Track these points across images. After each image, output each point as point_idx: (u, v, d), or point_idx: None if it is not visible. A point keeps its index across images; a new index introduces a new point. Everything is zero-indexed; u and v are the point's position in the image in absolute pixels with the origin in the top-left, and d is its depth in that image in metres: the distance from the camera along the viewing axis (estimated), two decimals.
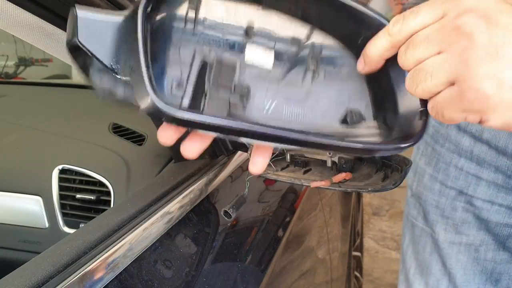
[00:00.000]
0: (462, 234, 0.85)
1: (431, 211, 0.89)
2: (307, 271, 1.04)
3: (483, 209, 0.82)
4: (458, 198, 0.85)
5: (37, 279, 0.46)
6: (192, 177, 0.77)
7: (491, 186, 0.81)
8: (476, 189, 0.82)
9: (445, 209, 0.87)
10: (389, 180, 0.64)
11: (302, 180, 0.70)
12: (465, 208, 0.84)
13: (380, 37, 0.42)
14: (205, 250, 0.68)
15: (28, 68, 2.19)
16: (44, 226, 1.06)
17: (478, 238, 0.84)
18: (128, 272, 0.53)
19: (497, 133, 0.76)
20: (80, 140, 1.16)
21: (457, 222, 0.85)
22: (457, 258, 0.87)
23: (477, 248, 0.85)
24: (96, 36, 0.38)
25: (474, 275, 0.87)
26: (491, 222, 0.82)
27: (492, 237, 0.83)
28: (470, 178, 0.82)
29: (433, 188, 0.88)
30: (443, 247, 0.88)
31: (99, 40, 0.38)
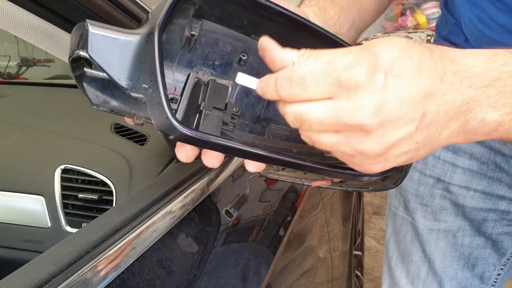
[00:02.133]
0: (440, 221, 0.89)
1: (411, 199, 0.92)
2: (308, 270, 1.04)
3: (459, 195, 0.86)
4: (436, 185, 0.88)
5: (40, 278, 0.46)
6: (194, 176, 0.77)
7: (466, 172, 0.84)
8: (452, 176, 0.86)
9: (424, 197, 0.90)
10: (390, 179, 0.64)
11: (303, 180, 0.70)
12: (443, 195, 0.88)
13: (270, 87, 0.39)
14: (206, 249, 0.69)
15: (30, 69, 2.19)
16: (47, 226, 1.06)
17: (455, 224, 0.88)
18: (130, 271, 0.54)
19: None
20: (82, 140, 1.16)
21: (436, 209, 0.89)
22: (436, 244, 0.90)
23: (454, 234, 0.88)
24: (107, 52, 0.39)
25: (452, 261, 0.90)
26: (467, 207, 0.86)
27: (469, 222, 0.86)
28: (447, 166, 0.86)
29: (413, 177, 0.91)
30: (423, 233, 0.91)
31: (110, 56, 0.39)
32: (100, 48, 0.39)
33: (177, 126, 0.37)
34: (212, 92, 0.45)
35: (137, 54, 0.39)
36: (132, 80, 0.40)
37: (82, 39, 0.38)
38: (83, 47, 0.38)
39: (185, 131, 0.38)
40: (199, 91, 0.45)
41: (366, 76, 0.35)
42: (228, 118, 0.46)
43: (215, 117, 0.44)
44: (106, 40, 0.39)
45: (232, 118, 0.46)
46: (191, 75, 0.45)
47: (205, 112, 0.44)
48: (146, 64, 0.38)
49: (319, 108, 0.37)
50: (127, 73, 0.40)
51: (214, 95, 0.45)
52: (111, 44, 0.39)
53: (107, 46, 0.39)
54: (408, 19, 4.65)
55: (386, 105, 0.35)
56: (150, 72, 0.38)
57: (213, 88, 0.45)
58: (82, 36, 0.39)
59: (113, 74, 0.39)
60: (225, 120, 0.46)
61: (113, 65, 0.39)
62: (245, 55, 0.48)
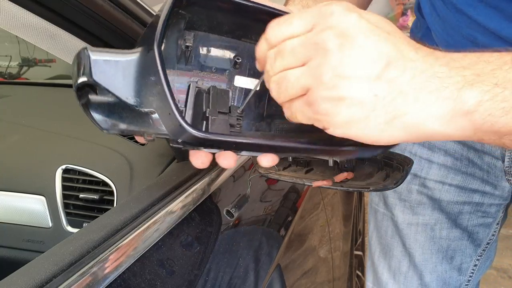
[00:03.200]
0: (419, 215, 0.92)
1: (390, 195, 0.96)
2: (309, 270, 1.04)
3: (435, 190, 0.89)
4: (413, 181, 0.91)
5: (41, 278, 0.46)
6: (195, 176, 0.77)
7: (441, 168, 0.87)
8: (428, 172, 0.89)
9: (402, 192, 0.93)
10: (391, 179, 0.64)
11: (304, 180, 0.71)
12: (419, 190, 0.91)
13: (261, 40, 0.43)
14: (207, 249, 0.69)
15: (31, 69, 2.19)
16: (48, 226, 1.06)
17: (433, 218, 0.91)
18: (131, 271, 0.54)
19: None
20: (83, 140, 1.16)
21: (413, 204, 0.92)
22: (415, 238, 0.93)
23: (432, 227, 0.91)
24: (111, 74, 0.40)
25: (431, 254, 0.93)
26: (443, 201, 0.89)
27: (445, 215, 0.90)
28: (423, 162, 0.89)
29: None
30: (402, 228, 0.94)
31: (114, 78, 0.41)
32: (104, 72, 0.40)
33: (192, 131, 0.38)
34: (214, 98, 0.46)
35: (139, 71, 0.41)
36: (140, 96, 0.41)
37: (85, 67, 0.40)
38: (87, 73, 0.40)
39: (200, 134, 0.39)
40: (202, 99, 0.46)
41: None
42: (234, 121, 0.47)
43: (222, 121, 0.46)
44: (108, 63, 0.40)
45: (237, 119, 0.48)
46: (191, 85, 0.47)
47: (212, 118, 0.45)
48: (150, 77, 0.40)
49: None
50: (133, 90, 0.41)
51: (217, 101, 0.46)
52: (113, 66, 0.40)
53: (110, 69, 0.40)
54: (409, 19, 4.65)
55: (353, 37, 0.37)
56: (155, 84, 0.39)
57: (215, 94, 0.46)
58: (84, 63, 0.40)
59: (120, 94, 0.41)
60: (232, 123, 0.47)
61: (118, 86, 0.41)
62: (239, 59, 0.49)
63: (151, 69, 0.39)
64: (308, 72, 0.39)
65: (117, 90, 0.41)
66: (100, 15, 0.65)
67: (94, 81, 0.40)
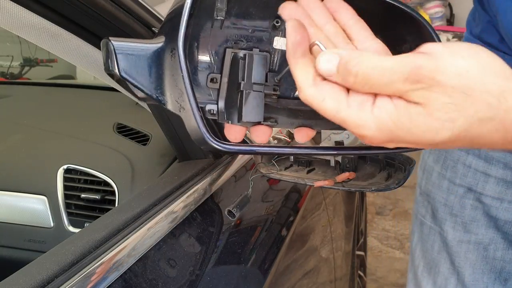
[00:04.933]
0: (471, 233, 0.85)
1: (440, 209, 0.89)
2: (310, 270, 1.04)
3: (492, 207, 0.81)
4: (467, 195, 0.84)
5: (42, 278, 0.46)
6: (196, 176, 0.77)
7: (500, 183, 0.80)
8: (485, 186, 0.81)
9: (453, 207, 0.86)
10: (393, 179, 0.64)
11: (306, 180, 0.71)
12: (474, 205, 0.83)
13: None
14: (209, 250, 0.69)
15: (33, 69, 2.20)
16: (49, 226, 1.06)
17: (487, 237, 0.84)
18: (133, 271, 0.54)
19: None
20: (84, 140, 1.16)
21: (466, 220, 0.85)
22: (465, 257, 0.86)
23: (486, 247, 0.84)
24: (137, 67, 0.39)
25: (483, 274, 0.86)
26: (500, 220, 0.81)
27: (501, 235, 0.82)
28: (478, 175, 0.82)
29: (442, 186, 0.88)
30: (452, 245, 0.88)
31: (140, 71, 0.39)
32: (129, 64, 0.39)
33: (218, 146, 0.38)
34: (249, 66, 0.44)
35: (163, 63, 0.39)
36: (165, 95, 0.40)
37: (111, 59, 0.39)
38: (113, 67, 0.39)
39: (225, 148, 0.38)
40: (237, 67, 0.44)
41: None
42: (270, 90, 0.45)
43: (257, 95, 0.44)
44: (133, 54, 0.39)
45: (274, 89, 0.46)
46: (227, 51, 0.45)
47: (246, 92, 0.43)
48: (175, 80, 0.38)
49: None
50: (160, 87, 0.40)
51: (252, 69, 0.44)
52: (138, 60, 0.39)
53: (136, 63, 0.39)
54: None
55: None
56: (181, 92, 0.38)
57: (250, 62, 0.44)
58: (110, 55, 0.39)
59: (147, 91, 0.40)
60: (268, 93, 0.45)
61: (145, 82, 0.39)
62: (278, 22, 0.46)
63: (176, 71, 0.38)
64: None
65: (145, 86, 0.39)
66: (102, 15, 0.65)
67: (122, 77, 0.39)
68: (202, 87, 0.45)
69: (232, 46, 0.45)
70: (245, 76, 0.44)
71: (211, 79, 0.45)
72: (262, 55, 0.45)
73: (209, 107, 0.44)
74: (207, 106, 0.44)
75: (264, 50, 0.46)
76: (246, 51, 0.45)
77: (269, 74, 0.45)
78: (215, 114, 0.44)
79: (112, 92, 1.36)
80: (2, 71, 2.24)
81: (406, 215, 3.11)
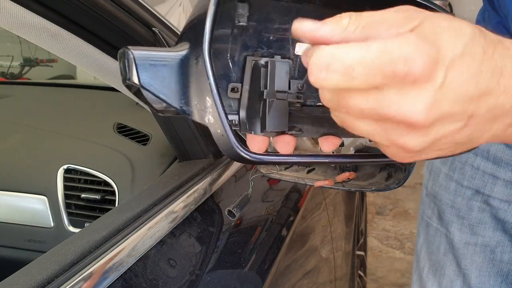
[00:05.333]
0: (478, 235, 0.84)
1: (446, 210, 0.88)
2: (311, 270, 1.04)
3: (500, 209, 0.81)
4: (474, 197, 0.83)
5: (43, 278, 0.46)
6: (196, 176, 0.77)
7: (508, 185, 0.79)
8: (493, 189, 0.80)
9: (460, 209, 0.85)
10: (393, 179, 0.64)
11: (306, 180, 0.70)
12: (481, 208, 0.83)
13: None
14: (209, 250, 0.69)
15: (33, 69, 2.20)
16: (50, 226, 1.06)
17: (494, 239, 0.83)
18: (133, 271, 0.54)
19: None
20: (85, 140, 1.16)
21: (473, 222, 0.84)
22: (472, 259, 0.86)
23: (493, 249, 0.83)
24: (159, 77, 0.37)
25: (489, 276, 0.85)
26: (507, 222, 0.81)
27: (509, 238, 0.82)
28: (486, 178, 0.81)
29: (449, 188, 0.87)
30: (458, 247, 0.87)
31: (163, 82, 0.37)
32: (151, 75, 0.37)
33: (247, 156, 0.36)
34: (272, 74, 0.42)
35: (187, 73, 0.37)
36: (190, 105, 0.38)
37: (130, 69, 0.36)
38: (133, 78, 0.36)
39: (255, 158, 0.37)
40: (259, 75, 0.43)
41: (426, 71, 0.32)
42: (293, 97, 0.43)
43: (280, 103, 0.42)
44: (156, 68, 0.37)
45: (297, 96, 0.44)
46: (247, 59, 0.43)
47: (269, 100, 0.42)
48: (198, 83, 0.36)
49: (362, 98, 0.33)
50: (184, 98, 0.38)
51: (274, 77, 0.42)
52: (161, 69, 0.37)
53: (158, 73, 0.37)
54: None
55: (439, 104, 0.33)
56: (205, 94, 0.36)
57: (273, 70, 0.42)
58: (129, 64, 0.36)
59: (171, 102, 0.37)
60: (291, 100, 0.43)
61: (168, 93, 0.37)
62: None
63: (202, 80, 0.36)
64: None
65: (167, 97, 0.37)
66: (102, 15, 0.65)
67: (142, 87, 0.36)
68: (223, 97, 0.42)
69: (252, 54, 0.44)
70: (268, 84, 0.42)
71: (232, 88, 0.43)
72: (284, 62, 0.43)
73: (231, 117, 0.43)
74: (228, 117, 0.42)
75: (286, 57, 0.45)
76: (268, 59, 0.43)
77: (292, 81, 0.44)
78: (237, 124, 0.43)
79: (112, 92, 1.36)
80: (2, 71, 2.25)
81: (406, 215, 3.11)
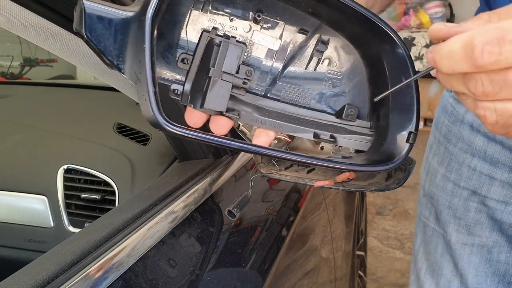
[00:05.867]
0: (475, 235, 0.84)
1: (443, 211, 0.88)
2: (310, 270, 1.04)
3: (496, 210, 0.81)
4: (471, 198, 0.84)
5: (43, 278, 0.46)
6: (196, 176, 0.77)
7: (505, 186, 0.79)
8: (489, 190, 0.81)
9: (457, 209, 0.86)
10: (393, 179, 0.64)
11: (306, 180, 0.70)
12: (478, 208, 0.83)
13: (459, 62, 0.33)
14: (209, 250, 0.69)
15: (33, 69, 2.20)
16: (49, 226, 1.06)
17: (491, 240, 0.83)
18: (133, 271, 0.54)
19: None
20: (85, 140, 1.16)
21: (470, 223, 0.85)
22: (469, 259, 0.86)
23: (489, 250, 0.84)
24: (103, 31, 0.38)
25: (486, 276, 0.86)
26: (504, 223, 0.81)
27: (506, 238, 0.82)
28: (483, 178, 0.81)
29: (446, 188, 0.88)
30: (455, 248, 0.87)
31: (106, 36, 0.38)
32: (96, 27, 0.38)
33: (168, 128, 0.37)
34: (223, 54, 0.43)
35: (129, 33, 0.39)
36: (125, 64, 0.39)
37: (80, 18, 0.38)
38: (80, 26, 0.38)
39: (173, 129, 0.37)
40: (211, 52, 0.43)
41: None
42: (239, 82, 0.44)
43: (224, 84, 0.43)
44: (102, 20, 0.38)
45: (243, 82, 0.45)
46: (203, 34, 0.44)
47: (213, 79, 0.42)
48: (137, 52, 0.37)
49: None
50: (122, 56, 0.39)
51: (225, 58, 0.43)
52: (106, 24, 0.38)
53: (103, 27, 0.38)
54: (411, 18, 4.65)
55: None
56: (139, 58, 0.37)
57: (225, 50, 0.43)
58: (80, 14, 0.38)
59: (110, 56, 0.39)
60: (236, 84, 0.44)
61: (109, 48, 0.38)
62: (260, 15, 0.45)
63: (139, 42, 0.37)
64: None
65: (108, 51, 0.38)
66: None
67: (86, 37, 0.38)
68: (172, 65, 0.44)
69: (209, 30, 0.44)
70: (216, 63, 0.43)
71: (182, 59, 0.44)
72: (238, 45, 0.44)
73: (175, 86, 0.44)
74: (172, 86, 0.44)
75: (241, 42, 0.45)
76: (223, 39, 0.44)
77: (241, 66, 0.44)
78: (179, 95, 0.44)
79: (112, 92, 1.36)
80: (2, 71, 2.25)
81: (406, 215, 3.11)
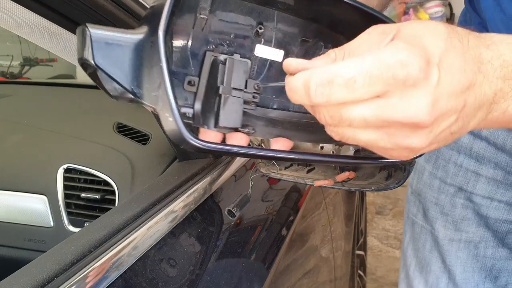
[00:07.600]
0: (462, 231, 0.86)
1: (431, 208, 0.89)
2: (310, 269, 1.04)
3: (482, 206, 0.82)
4: (458, 194, 0.85)
5: (42, 278, 0.46)
6: (196, 176, 0.77)
7: (490, 182, 0.81)
8: (475, 186, 0.82)
9: (444, 206, 0.87)
10: (392, 179, 0.64)
11: (306, 179, 0.70)
12: (465, 204, 0.84)
13: (302, 97, 0.35)
14: (209, 249, 0.69)
15: (33, 68, 2.20)
16: (49, 225, 1.06)
17: (477, 235, 0.85)
18: (133, 270, 0.54)
19: (496, 130, 0.76)
20: (84, 139, 1.16)
21: (457, 219, 0.86)
22: (456, 255, 0.87)
23: (476, 245, 0.85)
24: (113, 57, 0.37)
25: (473, 272, 0.87)
26: (490, 218, 0.82)
27: (492, 233, 0.83)
28: (469, 175, 0.83)
29: (433, 185, 0.89)
30: (443, 244, 0.89)
31: (117, 62, 0.37)
32: (106, 53, 0.36)
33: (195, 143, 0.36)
34: (230, 71, 0.43)
35: (142, 56, 0.37)
36: (142, 88, 0.38)
37: (86, 46, 0.36)
38: (88, 56, 0.36)
39: (203, 146, 0.36)
40: (217, 71, 0.43)
41: (423, 72, 0.34)
42: (249, 97, 0.44)
43: (235, 100, 0.43)
44: (110, 43, 0.37)
45: (253, 96, 0.45)
46: (207, 54, 0.43)
47: (225, 96, 0.42)
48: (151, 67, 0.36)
49: (365, 108, 0.34)
50: (136, 80, 0.38)
51: (232, 75, 0.43)
52: (116, 50, 0.37)
53: (113, 53, 0.37)
54: (411, 18, 4.65)
55: (439, 101, 0.35)
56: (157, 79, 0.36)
57: (231, 67, 0.43)
58: (86, 42, 0.36)
59: (122, 82, 0.37)
60: (247, 99, 0.44)
61: (121, 74, 0.37)
62: (262, 28, 0.45)
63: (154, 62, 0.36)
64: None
65: (120, 78, 0.37)
66: (102, 15, 0.65)
67: (96, 65, 0.36)
68: (178, 89, 0.43)
69: (212, 49, 0.44)
70: (225, 80, 0.43)
71: (189, 81, 0.43)
72: (243, 61, 0.44)
73: (185, 110, 0.43)
74: (182, 109, 0.43)
75: (245, 57, 0.45)
76: (227, 56, 0.44)
77: (249, 80, 0.44)
78: (191, 117, 0.43)
79: None
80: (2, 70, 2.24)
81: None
